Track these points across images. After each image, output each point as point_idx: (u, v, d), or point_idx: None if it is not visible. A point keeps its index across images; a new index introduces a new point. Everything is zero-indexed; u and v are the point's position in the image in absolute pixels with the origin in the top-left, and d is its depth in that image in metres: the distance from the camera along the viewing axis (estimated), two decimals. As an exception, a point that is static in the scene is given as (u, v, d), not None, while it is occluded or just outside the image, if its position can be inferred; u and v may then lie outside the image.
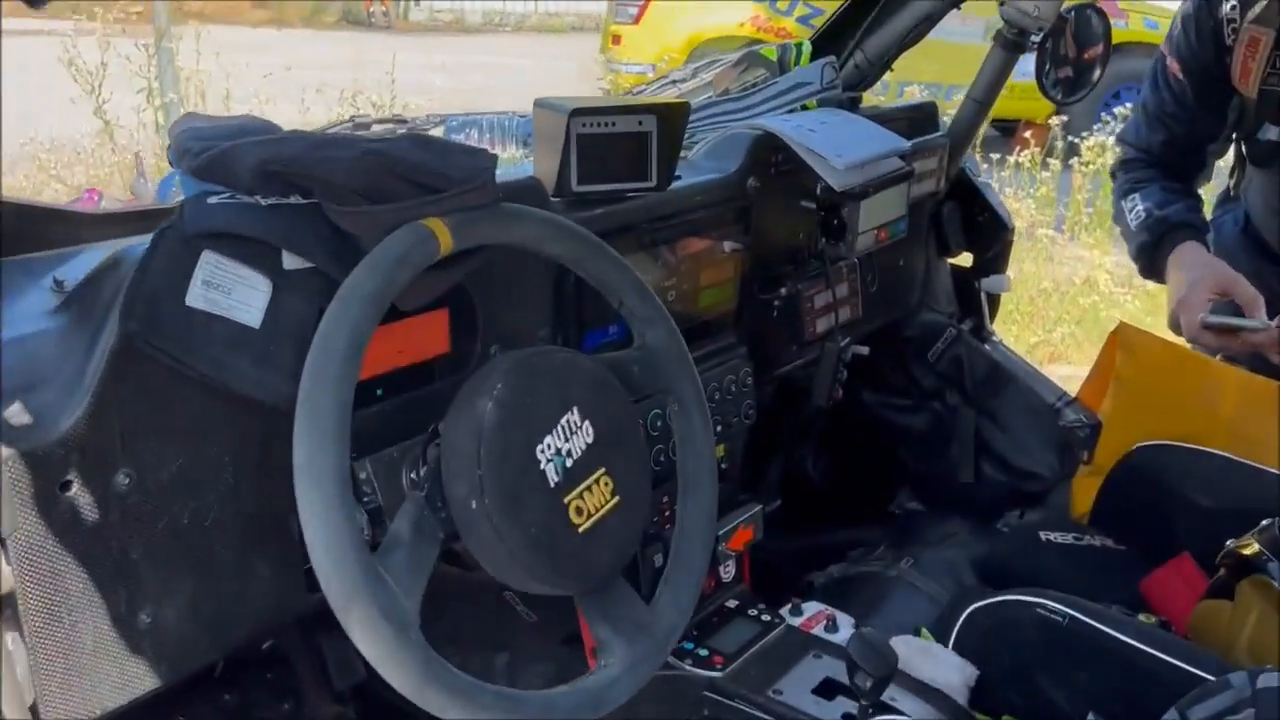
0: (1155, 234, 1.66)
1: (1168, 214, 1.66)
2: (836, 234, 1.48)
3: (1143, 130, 1.74)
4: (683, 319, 1.36)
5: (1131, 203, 1.70)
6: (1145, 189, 1.70)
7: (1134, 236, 1.70)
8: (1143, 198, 1.69)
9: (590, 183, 1.19)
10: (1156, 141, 1.71)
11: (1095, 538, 1.66)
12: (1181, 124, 1.67)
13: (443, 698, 0.78)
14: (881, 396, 1.97)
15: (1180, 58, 1.62)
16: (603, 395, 0.92)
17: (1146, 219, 1.67)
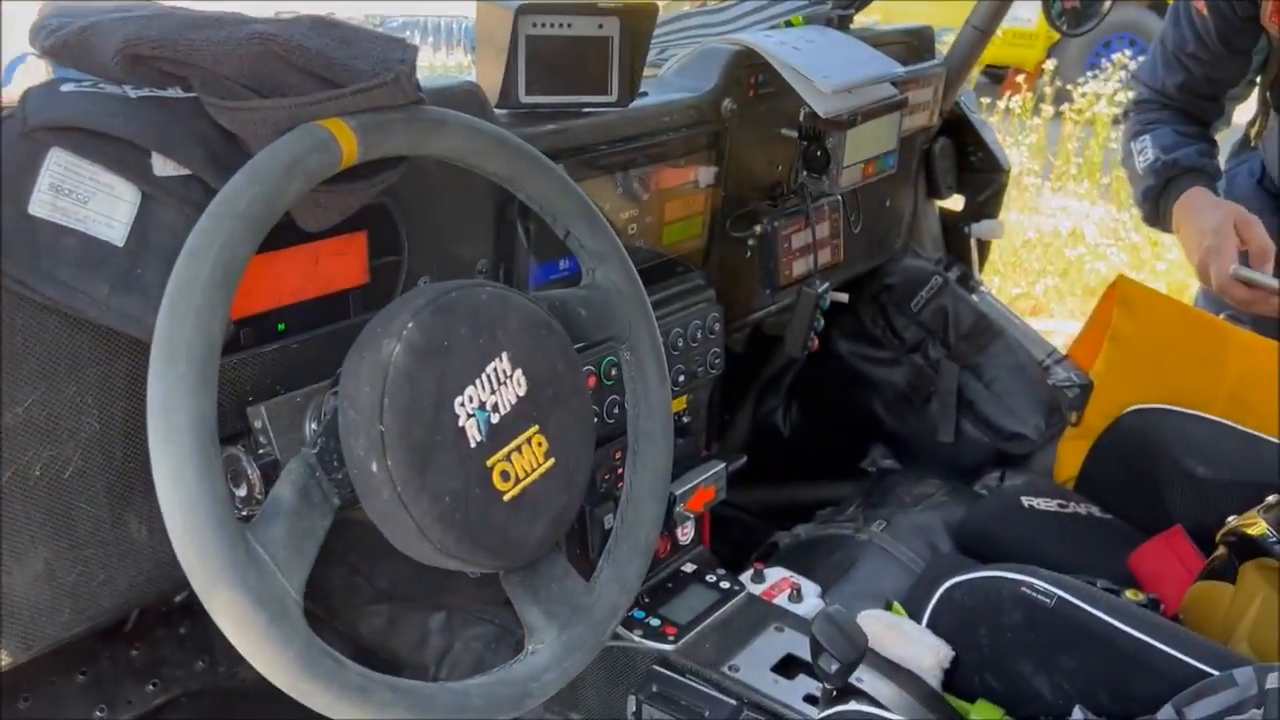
0: (1162, 178, 1.54)
1: (1177, 157, 1.53)
2: (819, 166, 1.33)
3: (1159, 70, 1.60)
4: (645, 256, 1.23)
5: (1141, 144, 1.57)
6: (1156, 130, 1.57)
7: (1140, 180, 1.58)
8: (1153, 140, 1.56)
9: (541, 93, 1.04)
10: (1173, 83, 1.58)
11: (1081, 505, 1.56)
12: (1202, 65, 1.54)
13: (330, 696, 0.65)
14: (859, 347, 1.85)
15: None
16: (539, 340, 0.78)
17: (1154, 162, 1.55)
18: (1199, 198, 1.46)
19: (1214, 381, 1.53)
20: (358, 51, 0.73)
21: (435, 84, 0.95)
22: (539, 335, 0.78)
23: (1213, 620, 1.18)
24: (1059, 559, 1.37)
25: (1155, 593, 1.31)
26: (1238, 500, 1.33)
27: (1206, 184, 1.50)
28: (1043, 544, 1.46)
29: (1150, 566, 1.36)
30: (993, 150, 1.77)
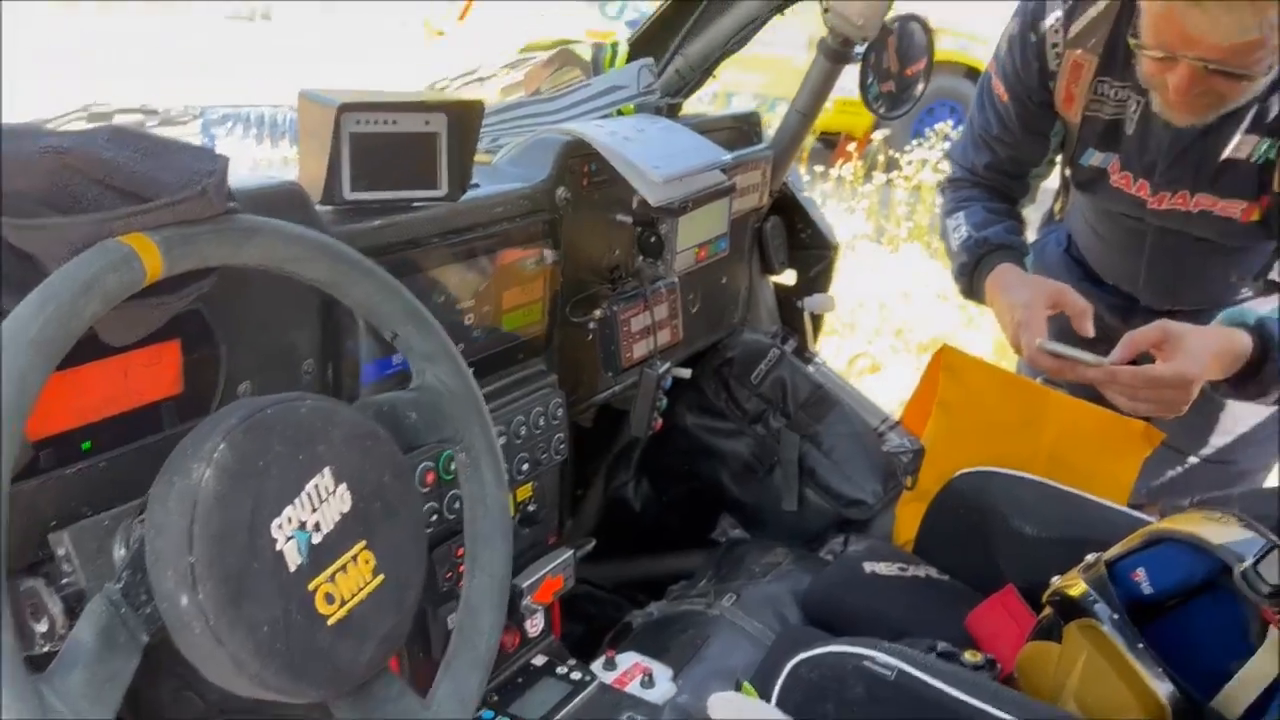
0: (974, 255, 1.62)
1: (987, 235, 1.62)
2: (654, 251, 1.36)
3: (969, 150, 1.70)
4: (483, 345, 1.22)
5: (955, 221, 1.66)
6: (969, 209, 1.66)
7: (955, 257, 1.66)
8: (966, 217, 1.65)
9: (367, 189, 1.02)
10: (981, 163, 1.68)
11: (920, 568, 1.61)
12: (1006, 147, 1.64)
13: None
14: (704, 420, 1.87)
15: (1005, 81, 1.58)
16: (365, 451, 0.76)
17: (967, 240, 1.63)
18: (1008, 274, 1.55)
19: (1034, 443, 1.61)
20: (163, 163, 0.70)
21: (254, 184, 0.93)
22: (364, 447, 0.76)
23: (1043, 680, 1.23)
24: (901, 622, 1.41)
25: (992, 652, 1.35)
26: (1064, 557, 1.39)
27: (1015, 260, 1.58)
28: (886, 609, 1.49)
29: (986, 627, 1.41)
30: (820, 228, 1.84)
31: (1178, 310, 1.73)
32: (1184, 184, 1.48)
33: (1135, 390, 1.37)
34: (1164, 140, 1.45)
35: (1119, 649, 1.14)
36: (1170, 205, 1.51)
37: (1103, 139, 1.53)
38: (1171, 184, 1.49)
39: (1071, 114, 1.54)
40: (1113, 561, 1.24)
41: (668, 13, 1.61)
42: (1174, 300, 1.73)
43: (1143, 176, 1.51)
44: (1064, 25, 1.46)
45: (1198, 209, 1.49)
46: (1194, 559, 1.18)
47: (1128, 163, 1.52)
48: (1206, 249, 1.59)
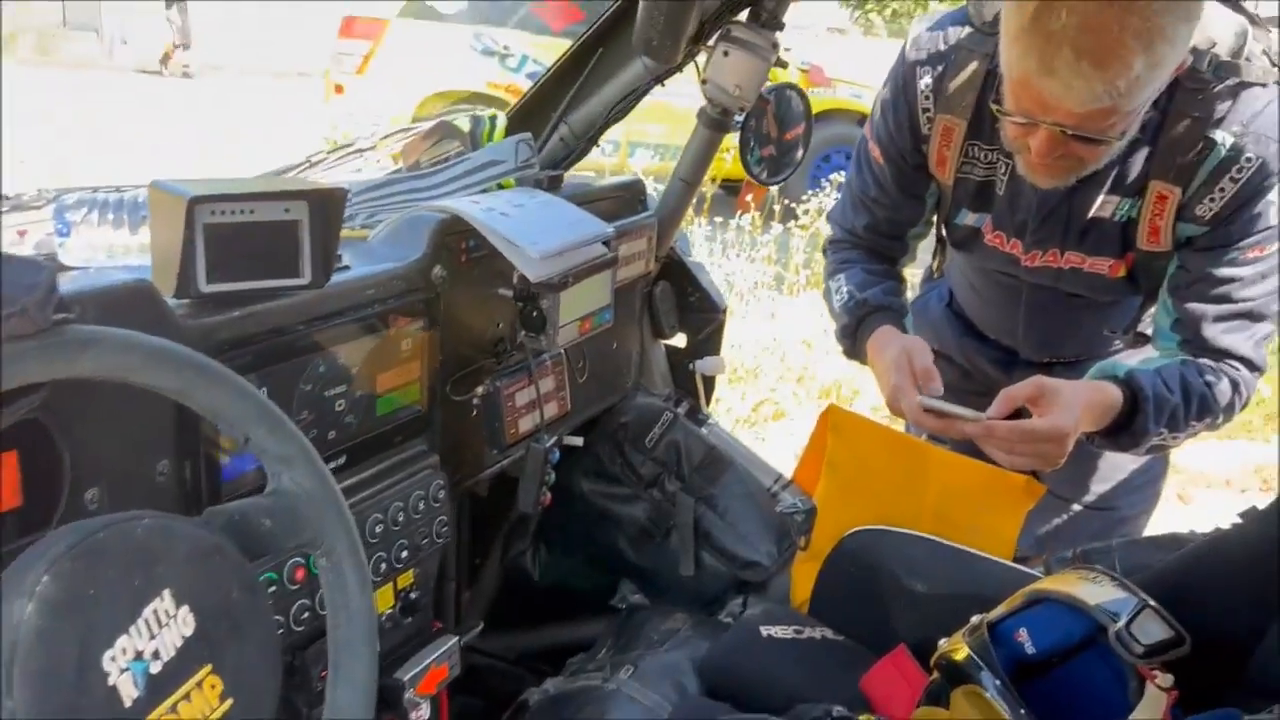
0: (855, 316, 1.64)
1: (867, 296, 1.64)
2: (536, 326, 1.34)
3: (848, 212, 1.73)
4: (358, 431, 1.18)
5: (837, 283, 1.69)
6: (849, 270, 1.69)
7: (838, 318, 1.69)
8: (847, 279, 1.67)
9: (224, 280, 0.98)
10: (860, 224, 1.70)
11: (816, 629, 1.61)
12: (883, 208, 1.67)
13: None
14: (600, 485, 1.86)
15: (880, 144, 1.61)
16: (210, 569, 0.72)
17: (848, 301, 1.66)
18: (886, 336, 1.57)
19: (920, 500, 1.63)
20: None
21: (100, 285, 0.89)
22: (209, 564, 0.72)
23: (933, 745, 1.24)
24: (798, 687, 1.41)
25: (886, 714, 1.36)
26: (953, 614, 1.40)
27: (894, 321, 1.61)
28: (782, 674, 1.49)
29: (879, 689, 1.42)
30: (709, 292, 1.85)
31: (1056, 362, 1.78)
32: (1054, 242, 1.52)
33: (1013, 445, 1.39)
34: (1032, 201, 1.49)
35: (1003, 716, 1.15)
36: (1042, 263, 1.56)
37: (975, 200, 1.57)
38: (1042, 243, 1.53)
39: (944, 176, 1.57)
40: (996, 623, 1.25)
41: (547, 85, 1.62)
42: (1051, 353, 1.78)
43: (1015, 235, 1.56)
44: (934, 91, 1.50)
45: (1068, 266, 1.54)
46: (1072, 619, 1.20)
47: (1000, 222, 1.56)
48: (1080, 303, 1.64)
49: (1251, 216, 1.37)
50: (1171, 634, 1.11)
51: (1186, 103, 1.35)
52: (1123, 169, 1.42)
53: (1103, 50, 1.16)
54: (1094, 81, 1.18)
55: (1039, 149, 1.30)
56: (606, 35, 1.63)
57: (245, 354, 1.01)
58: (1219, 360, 1.46)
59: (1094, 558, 1.47)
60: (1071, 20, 1.15)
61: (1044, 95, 1.22)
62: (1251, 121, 1.34)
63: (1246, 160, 1.34)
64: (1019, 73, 1.24)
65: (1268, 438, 4.09)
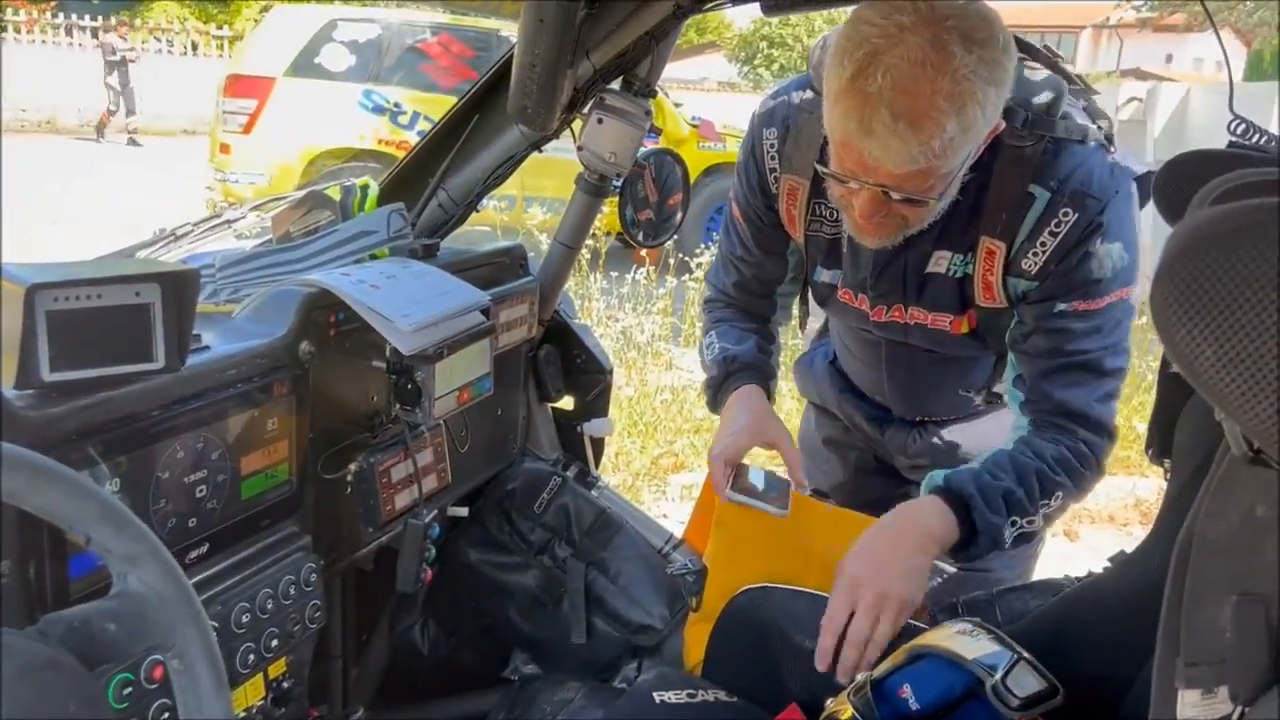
0: (723, 370, 1.65)
1: (737, 353, 1.65)
2: (411, 399, 1.32)
3: (719, 271, 1.74)
4: (221, 517, 1.14)
5: (709, 339, 1.70)
6: (720, 328, 1.70)
7: (707, 370, 1.69)
8: (718, 335, 1.68)
9: (70, 368, 0.94)
10: (730, 282, 1.72)
11: (709, 692, 1.59)
12: (749, 266, 1.69)
13: None
14: (488, 554, 1.82)
15: (739, 204, 1.63)
16: (42, 686, 0.68)
17: (718, 356, 1.66)
18: (744, 397, 1.57)
19: (806, 555, 1.64)
20: None
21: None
22: (42, 680, 0.68)
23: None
24: (693, 754, 1.39)
25: None
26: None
27: (759, 380, 1.61)
28: (676, 741, 1.47)
29: None
30: (594, 353, 1.85)
31: (928, 421, 1.81)
32: (895, 298, 1.54)
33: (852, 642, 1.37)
34: (869, 258, 1.51)
35: (888, 774, 1.15)
36: (889, 318, 1.57)
37: (827, 257, 1.59)
38: (885, 298, 1.55)
39: (796, 234, 1.60)
40: (880, 680, 1.26)
41: (421, 155, 1.61)
42: (919, 411, 1.80)
43: (860, 291, 1.58)
44: (778, 152, 1.52)
45: (914, 321, 1.56)
46: (952, 673, 1.22)
47: (846, 279, 1.59)
48: (935, 359, 1.67)
49: (1076, 270, 1.38)
50: (1045, 685, 1.14)
51: (1008, 160, 1.38)
52: (952, 225, 1.44)
53: (917, 113, 1.19)
54: (910, 143, 1.20)
55: (862, 209, 1.32)
56: (483, 101, 1.63)
57: (95, 443, 0.97)
58: (1060, 419, 1.45)
59: (976, 607, 1.50)
60: (887, 82, 1.18)
61: (864, 156, 1.24)
62: (1068, 177, 1.36)
63: (1064, 214, 1.36)
64: (841, 134, 1.25)
65: (1145, 472, 4.25)
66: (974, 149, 1.29)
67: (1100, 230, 1.37)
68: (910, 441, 1.82)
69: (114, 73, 15.17)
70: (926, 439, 1.80)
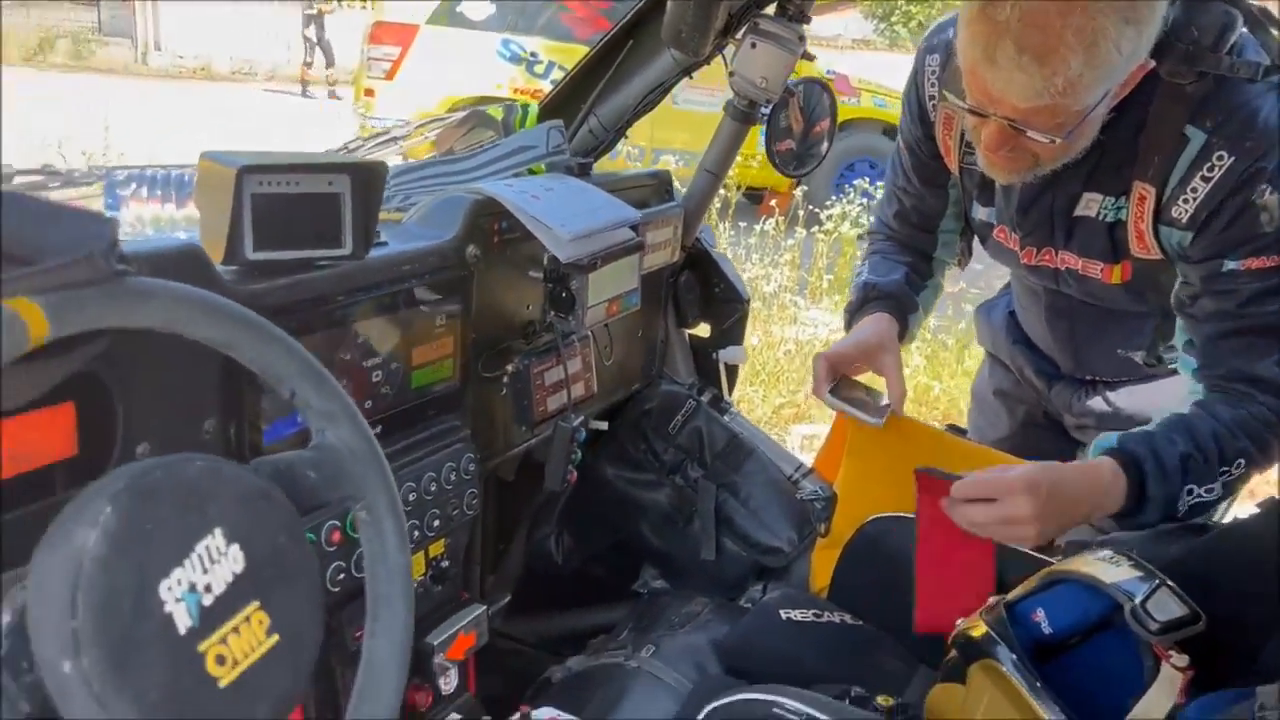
0: (860, 298, 1.64)
1: (877, 281, 1.65)
2: (565, 307, 1.38)
3: (883, 204, 1.74)
4: (392, 402, 1.22)
5: (861, 268, 1.70)
6: (874, 259, 1.70)
7: (850, 295, 1.69)
8: (869, 267, 1.68)
9: (270, 249, 1.02)
10: (891, 213, 1.71)
11: (835, 614, 1.63)
12: (909, 197, 1.67)
13: None
14: (623, 471, 1.89)
15: (902, 133, 1.62)
16: (258, 512, 0.76)
17: (860, 284, 1.66)
18: (871, 322, 1.57)
19: (941, 489, 1.65)
20: (50, 228, 0.70)
21: (153, 247, 0.93)
22: (258, 507, 0.76)
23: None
24: (817, 668, 1.43)
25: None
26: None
27: (893, 310, 1.60)
28: (801, 655, 1.51)
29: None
30: (733, 282, 1.88)
31: (1096, 380, 1.75)
32: (1045, 239, 1.49)
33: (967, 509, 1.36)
34: (1015, 192, 1.47)
35: (1019, 690, 1.17)
36: (1039, 261, 1.53)
37: (982, 193, 1.55)
38: (1031, 238, 1.51)
39: (952, 166, 1.57)
40: (1013, 603, 1.27)
41: (578, 76, 1.66)
42: (1081, 367, 1.75)
43: (1013, 230, 1.53)
44: (938, 79, 1.50)
45: (1065, 266, 1.51)
46: (1089, 598, 1.22)
47: (1000, 216, 1.54)
48: (1094, 314, 1.61)
49: (1237, 222, 1.29)
50: (1187, 611, 1.13)
51: (1166, 99, 1.30)
52: (1104, 167, 1.37)
53: (1043, 47, 1.15)
54: (1034, 77, 1.16)
55: (988, 141, 1.28)
56: (636, 28, 1.66)
57: (288, 321, 1.05)
58: (1237, 385, 1.35)
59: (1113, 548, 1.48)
60: (1015, 14, 1.15)
61: (988, 86, 1.21)
62: (1228, 118, 1.27)
63: (1218, 158, 1.27)
64: (968, 61, 1.22)
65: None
66: (1110, 89, 1.22)
67: (1263, 177, 1.27)
68: (1075, 399, 1.78)
69: (310, 25, 15.01)
70: (1092, 398, 1.76)
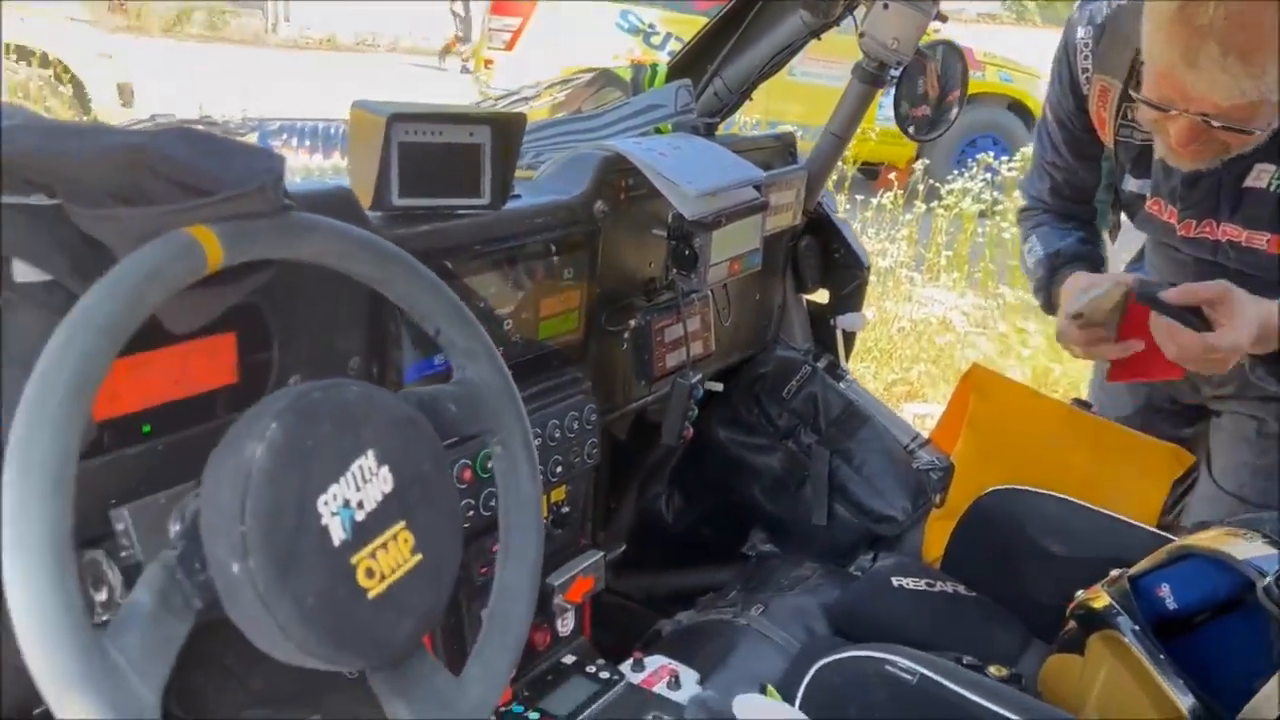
0: (1049, 268, 1.63)
1: (1061, 248, 1.64)
2: (688, 264, 1.40)
3: (1034, 179, 1.72)
4: (521, 350, 1.26)
5: (1029, 244, 1.68)
6: (1040, 230, 1.68)
7: (1033, 274, 1.68)
8: (1039, 238, 1.67)
9: (414, 196, 1.07)
10: (1045, 189, 1.70)
11: (947, 584, 1.62)
12: (1061, 171, 1.65)
13: None
14: (736, 434, 1.90)
15: (1051, 106, 1.61)
16: (406, 437, 0.80)
17: (1042, 256, 1.65)
18: (1079, 279, 1.54)
19: (1063, 463, 1.62)
20: (224, 162, 0.75)
21: (309, 188, 0.98)
22: (405, 432, 0.80)
23: (1066, 692, 1.24)
24: (927, 636, 1.42)
25: None
26: (1090, 575, 1.40)
27: (1087, 269, 1.58)
28: (912, 622, 1.51)
29: None
30: (854, 248, 1.87)
31: None
32: (1208, 211, 1.46)
33: (1184, 350, 1.36)
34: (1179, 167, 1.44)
35: (1141, 661, 1.15)
36: (1198, 234, 1.49)
37: (1136, 165, 1.53)
38: (1193, 210, 1.47)
39: (1106, 138, 1.54)
40: (1137, 577, 1.25)
41: (706, 37, 1.67)
42: None
43: (1171, 203, 1.51)
44: (1092, 51, 1.47)
45: (1225, 239, 1.47)
46: (1218, 575, 1.19)
47: (1156, 188, 1.52)
48: (1250, 285, 1.56)
49: None
50: (1325, 590, 1.09)
51: None
52: (1275, 137, 1.32)
53: (1249, 46, 1.13)
54: (1240, 77, 1.15)
55: (1179, 137, 1.26)
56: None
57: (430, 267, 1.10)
58: None
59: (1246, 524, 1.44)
60: (1219, 14, 1.13)
61: (1187, 88, 1.19)
62: None
63: None
64: (1162, 64, 1.21)
65: None
66: None
67: None
68: None
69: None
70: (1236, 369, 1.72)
